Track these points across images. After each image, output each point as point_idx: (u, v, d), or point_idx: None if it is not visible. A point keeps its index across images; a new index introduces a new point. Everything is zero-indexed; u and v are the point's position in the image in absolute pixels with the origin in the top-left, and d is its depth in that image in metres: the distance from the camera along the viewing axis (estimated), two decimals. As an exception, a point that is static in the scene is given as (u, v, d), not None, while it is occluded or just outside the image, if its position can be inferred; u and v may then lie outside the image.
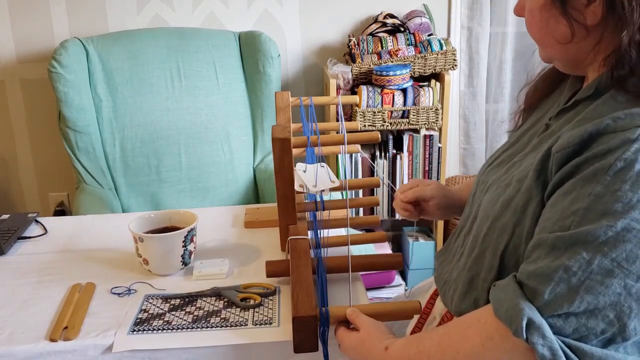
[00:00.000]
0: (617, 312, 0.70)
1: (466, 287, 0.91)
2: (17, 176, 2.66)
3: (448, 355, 0.80)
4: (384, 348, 0.88)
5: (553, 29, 0.79)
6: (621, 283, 0.69)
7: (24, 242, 1.41)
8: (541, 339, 0.71)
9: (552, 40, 0.81)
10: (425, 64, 2.31)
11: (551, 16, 0.79)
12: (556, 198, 0.76)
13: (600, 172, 0.70)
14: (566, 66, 0.86)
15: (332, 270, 1.15)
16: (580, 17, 0.75)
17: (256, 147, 2.39)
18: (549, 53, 0.85)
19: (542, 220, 0.77)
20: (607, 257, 0.69)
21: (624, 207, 0.68)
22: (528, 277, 0.75)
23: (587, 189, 0.71)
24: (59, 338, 1.01)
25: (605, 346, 0.72)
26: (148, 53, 2.26)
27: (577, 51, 0.80)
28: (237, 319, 1.06)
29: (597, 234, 0.69)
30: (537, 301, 0.73)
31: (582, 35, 0.77)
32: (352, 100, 1.65)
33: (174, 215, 1.29)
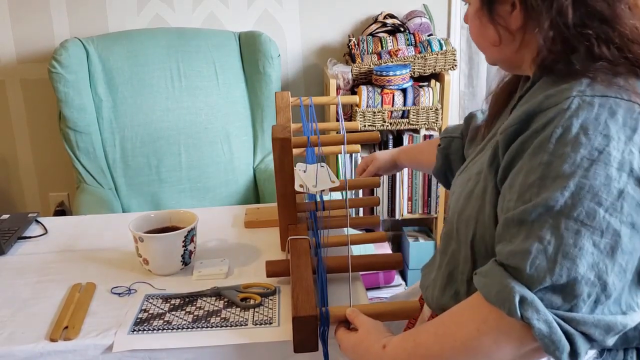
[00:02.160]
0: (596, 272, 0.73)
1: (445, 281, 0.96)
2: (18, 176, 2.66)
3: (446, 343, 0.81)
4: (382, 347, 0.88)
5: (485, 33, 0.89)
6: (590, 241, 0.73)
7: (25, 242, 1.41)
8: (536, 314, 0.73)
9: (487, 44, 0.90)
10: (425, 64, 2.31)
11: (482, 22, 0.88)
12: (511, 179, 0.80)
13: (543, 142, 0.76)
14: (507, 67, 0.95)
15: (332, 270, 1.15)
16: (504, 23, 0.85)
17: (256, 147, 2.40)
18: (488, 56, 0.94)
19: (505, 203, 0.81)
20: (571, 219, 0.73)
21: (570, 167, 0.74)
22: (507, 257, 0.77)
23: (536, 160, 0.77)
24: (59, 338, 1.01)
25: (593, 310, 0.74)
26: (148, 53, 2.27)
27: (508, 52, 0.89)
28: (237, 318, 1.06)
29: (555, 197, 0.74)
30: (522, 277, 0.75)
31: (508, 39, 0.86)
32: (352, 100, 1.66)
33: (174, 215, 1.29)
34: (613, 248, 0.73)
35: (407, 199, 2.44)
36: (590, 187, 0.73)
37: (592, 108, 0.75)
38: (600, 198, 0.73)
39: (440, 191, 2.42)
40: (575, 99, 0.76)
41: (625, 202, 0.73)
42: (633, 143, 0.74)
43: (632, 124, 0.75)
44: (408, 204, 2.44)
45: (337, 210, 1.34)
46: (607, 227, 0.73)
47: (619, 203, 0.73)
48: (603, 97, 0.76)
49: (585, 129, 0.74)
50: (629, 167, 0.73)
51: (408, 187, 2.42)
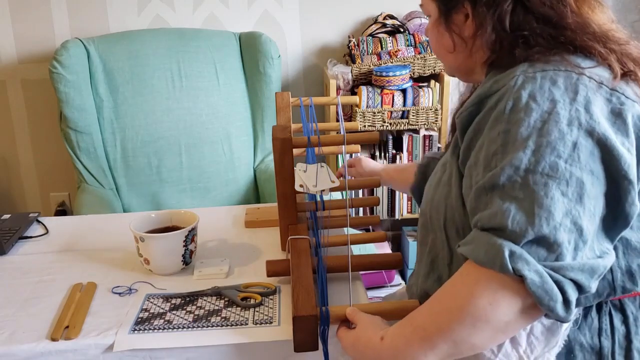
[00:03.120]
0: (571, 218, 0.77)
1: (428, 268, 1.01)
2: (19, 176, 2.67)
3: (442, 317, 0.82)
4: (380, 339, 0.89)
5: (441, 42, 0.98)
6: (558, 191, 0.78)
7: (25, 242, 1.41)
8: (526, 265, 0.76)
9: (443, 51, 0.99)
10: (425, 65, 2.31)
11: (439, 32, 0.97)
12: (474, 157, 0.87)
13: (498, 116, 0.83)
14: (463, 74, 1.02)
15: (332, 269, 1.15)
16: (459, 31, 0.94)
17: (256, 147, 2.40)
18: (445, 64, 1.03)
19: (473, 179, 0.86)
20: (537, 173, 0.78)
21: (526, 129, 0.80)
22: (488, 220, 0.80)
23: (494, 132, 0.83)
24: (60, 337, 1.02)
25: (574, 257, 0.78)
26: (149, 54, 2.27)
27: (462, 58, 0.97)
28: (238, 318, 1.07)
29: (519, 157, 0.79)
30: (506, 235, 0.78)
31: (462, 45, 0.95)
32: (352, 100, 1.66)
33: (175, 215, 1.29)
34: (580, 195, 0.78)
35: (407, 199, 2.44)
36: (547, 142, 0.79)
37: (535, 80, 0.83)
38: (558, 151, 0.79)
39: (440, 191, 2.42)
40: (519, 76, 0.84)
41: (581, 152, 0.79)
42: (577, 102, 0.81)
43: (572, 88, 0.82)
44: (408, 203, 2.45)
45: (337, 210, 1.34)
46: (571, 176, 0.78)
47: (576, 154, 0.79)
48: (543, 71, 0.84)
49: (534, 97, 0.82)
50: (577, 122, 0.80)
51: (408, 187, 2.42)
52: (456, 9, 0.93)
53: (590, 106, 0.81)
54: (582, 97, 0.82)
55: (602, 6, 0.93)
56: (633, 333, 0.92)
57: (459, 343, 0.81)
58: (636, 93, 0.86)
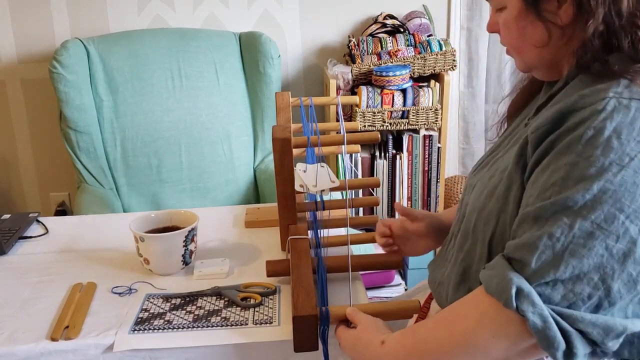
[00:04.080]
0: (601, 275, 0.72)
1: (459, 279, 0.94)
2: (18, 176, 2.67)
3: (444, 338, 0.81)
4: (380, 342, 0.89)
5: (530, 35, 0.85)
6: (602, 244, 0.72)
7: (25, 242, 1.41)
8: (531, 307, 0.73)
9: (529, 47, 0.86)
10: (425, 65, 2.31)
11: (527, 23, 0.84)
12: (535, 176, 0.79)
13: (573, 143, 0.74)
14: (544, 72, 0.90)
15: (332, 269, 1.15)
16: (554, 19, 0.81)
17: (256, 147, 2.40)
18: (527, 61, 0.90)
19: (525, 199, 0.80)
20: (587, 220, 0.72)
21: (597, 170, 0.72)
22: (514, 250, 0.77)
23: (562, 160, 0.75)
24: (60, 337, 1.02)
25: (594, 313, 0.73)
26: (149, 53, 2.27)
27: (552, 52, 0.85)
28: (238, 318, 1.07)
29: (575, 198, 0.72)
30: (525, 271, 0.75)
31: (557, 36, 0.83)
32: (352, 100, 1.66)
33: (175, 215, 1.29)
34: (626, 255, 0.72)
35: (407, 199, 2.44)
36: (614, 192, 0.71)
37: (628, 112, 0.73)
38: (622, 204, 0.71)
39: (440, 191, 2.42)
40: (611, 100, 0.74)
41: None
42: None
43: None
44: (408, 204, 2.45)
45: (337, 210, 1.34)
46: (624, 233, 0.71)
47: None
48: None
49: (619, 133, 0.72)
50: None
51: (408, 187, 2.42)
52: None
53: None
54: None
55: None
56: None
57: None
58: None
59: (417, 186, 2.42)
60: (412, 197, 2.44)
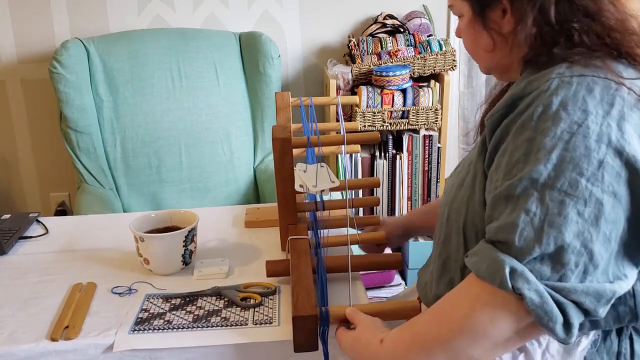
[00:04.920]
0: (582, 240, 0.75)
1: (440, 272, 0.97)
2: (19, 176, 2.67)
3: (442, 327, 0.82)
4: (379, 341, 0.89)
5: (479, 41, 0.93)
6: (574, 210, 0.75)
7: (25, 242, 1.41)
8: (526, 284, 0.74)
9: (481, 52, 0.94)
10: (425, 65, 2.31)
11: (476, 31, 0.92)
12: (497, 161, 0.83)
13: (526, 121, 0.80)
14: (500, 73, 0.97)
15: (332, 269, 1.15)
16: (497, 27, 0.89)
17: (256, 147, 2.40)
18: (482, 64, 0.98)
19: (492, 184, 0.84)
20: (555, 189, 0.76)
21: (552, 140, 0.77)
22: (496, 233, 0.79)
23: (520, 138, 0.80)
24: (59, 337, 1.02)
25: (582, 281, 0.76)
26: (149, 53, 2.27)
27: (501, 56, 0.92)
28: (238, 318, 1.07)
29: (539, 170, 0.76)
30: (511, 251, 0.76)
31: (501, 42, 0.90)
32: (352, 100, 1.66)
33: (175, 215, 1.29)
34: (597, 217, 0.75)
35: (407, 199, 2.44)
36: (571, 158, 0.76)
37: (570, 86, 0.79)
38: (581, 168, 0.75)
39: (440, 191, 2.42)
40: (554, 79, 0.80)
41: (606, 172, 0.75)
42: (610, 117, 0.77)
43: (609, 99, 0.78)
44: (408, 204, 2.45)
45: (337, 210, 1.34)
46: (590, 196, 0.75)
47: (600, 173, 0.75)
48: (581, 76, 0.79)
49: (565, 105, 0.78)
50: (607, 139, 0.76)
51: (408, 187, 2.42)
52: (492, 6, 0.88)
53: (624, 123, 0.77)
54: (617, 111, 0.77)
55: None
56: None
57: (457, 354, 0.81)
58: None
59: (417, 186, 2.42)
60: (412, 197, 2.44)
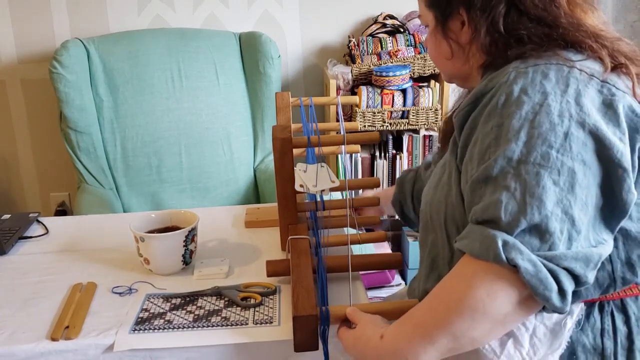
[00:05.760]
0: (562, 207, 0.79)
1: (428, 269, 1.01)
2: (19, 176, 2.67)
3: (441, 311, 0.82)
4: (380, 337, 0.89)
5: (440, 49, 1.00)
6: (550, 180, 0.79)
7: (25, 242, 1.41)
8: (519, 254, 0.77)
9: (441, 59, 1.01)
10: (425, 65, 2.31)
11: (437, 40, 0.99)
12: (469, 152, 0.88)
13: (491, 111, 0.85)
14: (461, 80, 1.04)
15: (332, 269, 1.15)
16: (456, 37, 0.96)
17: (256, 147, 2.40)
18: (443, 71, 1.04)
19: (468, 173, 0.87)
20: (529, 163, 0.80)
21: (519, 121, 0.82)
22: (482, 213, 0.81)
23: (488, 126, 0.85)
24: (60, 337, 1.02)
25: (569, 247, 0.79)
26: (149, 53, 2.27)
27: (459, 64, 0.99)
28: (238, 318, 1.07)
29: (512, 149, 0.81)
30: (500, 226, 0.79)
31: (459, 52, 0.97)
32: (352, 100, 1.66)
33: (175, 215, 1.29)
34: (572, 184, 0.79)
35: (407, 199, 2.44)
36: (539, 134, 0.80)
37: (527, 75, 0.85)
38: (549, 141, 0.80)
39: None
40: (512, 72, 0.86)
41: (572, 142, 0.80)
42: (568, 94, 0.82)
43: (563, 80, 0.84)
44: (408, 204, 2.44)
45: (337, 210, 1.34)
46: (562, 166, 0.79)
47: (567, 144, 0.80)
48: (535, 65, 0.86)
49: (525, 90, 0.83)
50: (568, 113, 0.81)
51: (408, 187, 2.42)
52: (452, 17, 0.95)
53: (581, 98, 0.82)
54: (573, 89, 0.83)
55: (595, 10, 0.94)
56: (635, 333, 0.92)
57: (458, 337, 0.81)
58: (627, 85, 0.87)
59: (417, 186, 2.42)
60: (412, 197, 2.43)
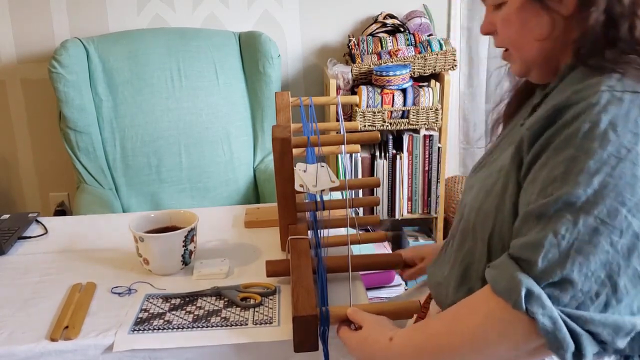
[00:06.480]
0: (607, 271, 0.72)
1: (459, 280, 0.94)
2: (18, 176, 2.66)
3: (454, 335, 0.81)
4: (389, 339, 0.88)
5: (532, 27, 0.84)
6: (607, 240, 0.71)
7: (25, 242, 1.41)
8: (541, 309, 0.72)
9: (530, 41, 0.85)
10: (425, 64, 2.31)
11: (531, 15, 0.83)
12: (534, 174, 0.79)
13: (570, 137, 0.74)
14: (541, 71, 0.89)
15: (332, 270, 1.15)
16: (558, 8, 0.81)
17: (256, 147, 2.40)
18: (527, 57, 0.88)
19: (526, 197, 0.80)
20: (591, 215, 0.72)
21: (596, 163, 0.72)
22: (520, 250, 0.77)
23: (561, 155, 0.75)
24: (59, 338, 1.02)
25: (603, 312, 0.73)
26: (148, 53, 2.27)
27: (552, 45, 0.85)
28: (238, 318, 1.07)
29: (577, 194, 0.72)
30: (532, 271, 0.74)
31: (560, 27, 0.82)
32: (352, 100, 1.66)
33: (174, 215, 1.29)
34: (630, 250, 0.72)
35: (407, 199, 2.44)
36: (614, 185, 0.71)
37: (622, 104, 0.74)
38: (624, 197, 0.71)
39: (441, 191, 2.42)
40: (604, 93, 0.74)
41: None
42: None
43: None
44: (408, 204, 2.45)
45: (337, 210, 1.34)
46: (627, 228, 0.72)
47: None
48: (634, 93, 0.74)
49: (614, 125, 0.73)
50: None
51: (408, 187, 2.42)
52: None
53: None
54: None
55: None
56: None
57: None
58: None
59: (417, 186, 2.42)
60: (412, 197, 2.44)
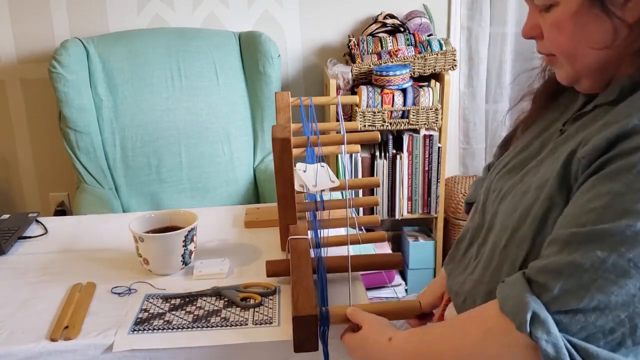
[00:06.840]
0: (629, 313, 0.68)
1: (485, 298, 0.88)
2: (18, 176, 2.66)
3: (448, 348, 0.81)
4: (388, 339, 0.88)
5: (589, 34, 0.76)
6: (636, 284, 0.67)
7: (25, 242, 1.41)
8: (545, 335, 0.69)
9: (585, 49, 0.77)
10: (425, 64, 2.31)
11: (589, 20, 0.75)
12: (578, 195, 0.74)
13: (623, 170, 0.69)
14: (592, 81, 0.82)
15: (332, 270, 1.15)
16: (621, 14, 0.73)
17: (256, 147, 2.40)
18: (579, 67, 0.80)
19: (561, 218, 0.76)
20: (624, 257, 0.67)
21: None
22: (537, 273, 0.73)
23: (606, 186, 0.70)
24: (59, 338, 1.02)
25: (615, 350, 0.70)
26: (148, 53, 2.27)
27: (610, 55, 0.77)
28: (238, 318, 1.07)
29: (614, 232, 0.68)
30: (545, 296, 0.71)
31: (623, 35, 0.74)
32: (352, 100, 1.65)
33: (174, 215, 1.29)
34: None
35: (407, 199, 2.44)
36: None
37: None
38: None
39: (441, 191, 2.42)
40: None
41: None
42: None
43: None
44: (408, 204, 2.45)
45: (337, 210, 1.34)
46: None
47: None
48: None
49: None
50: None
51: (408, 187, 2.42)
52: None
53: None
54: None
55: None
56: None
57: None
58: None
59: (417, 186, 2.42)
60: (412, 197, 2.44)
